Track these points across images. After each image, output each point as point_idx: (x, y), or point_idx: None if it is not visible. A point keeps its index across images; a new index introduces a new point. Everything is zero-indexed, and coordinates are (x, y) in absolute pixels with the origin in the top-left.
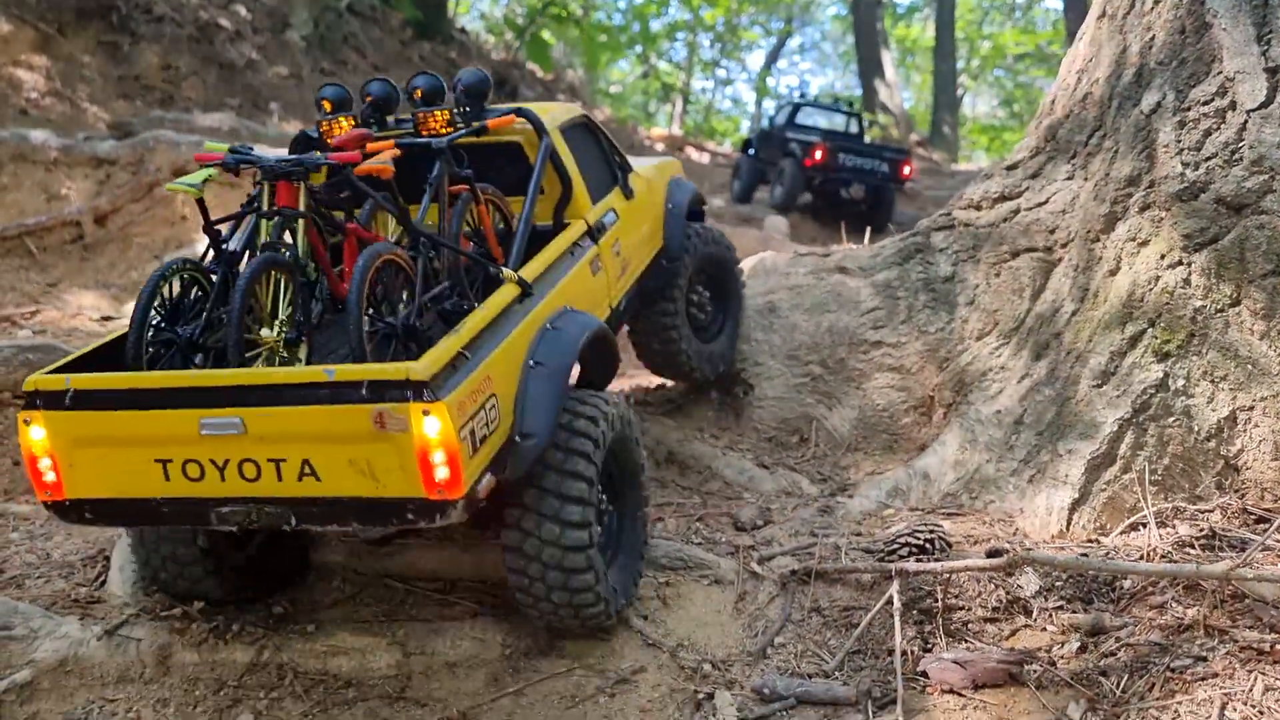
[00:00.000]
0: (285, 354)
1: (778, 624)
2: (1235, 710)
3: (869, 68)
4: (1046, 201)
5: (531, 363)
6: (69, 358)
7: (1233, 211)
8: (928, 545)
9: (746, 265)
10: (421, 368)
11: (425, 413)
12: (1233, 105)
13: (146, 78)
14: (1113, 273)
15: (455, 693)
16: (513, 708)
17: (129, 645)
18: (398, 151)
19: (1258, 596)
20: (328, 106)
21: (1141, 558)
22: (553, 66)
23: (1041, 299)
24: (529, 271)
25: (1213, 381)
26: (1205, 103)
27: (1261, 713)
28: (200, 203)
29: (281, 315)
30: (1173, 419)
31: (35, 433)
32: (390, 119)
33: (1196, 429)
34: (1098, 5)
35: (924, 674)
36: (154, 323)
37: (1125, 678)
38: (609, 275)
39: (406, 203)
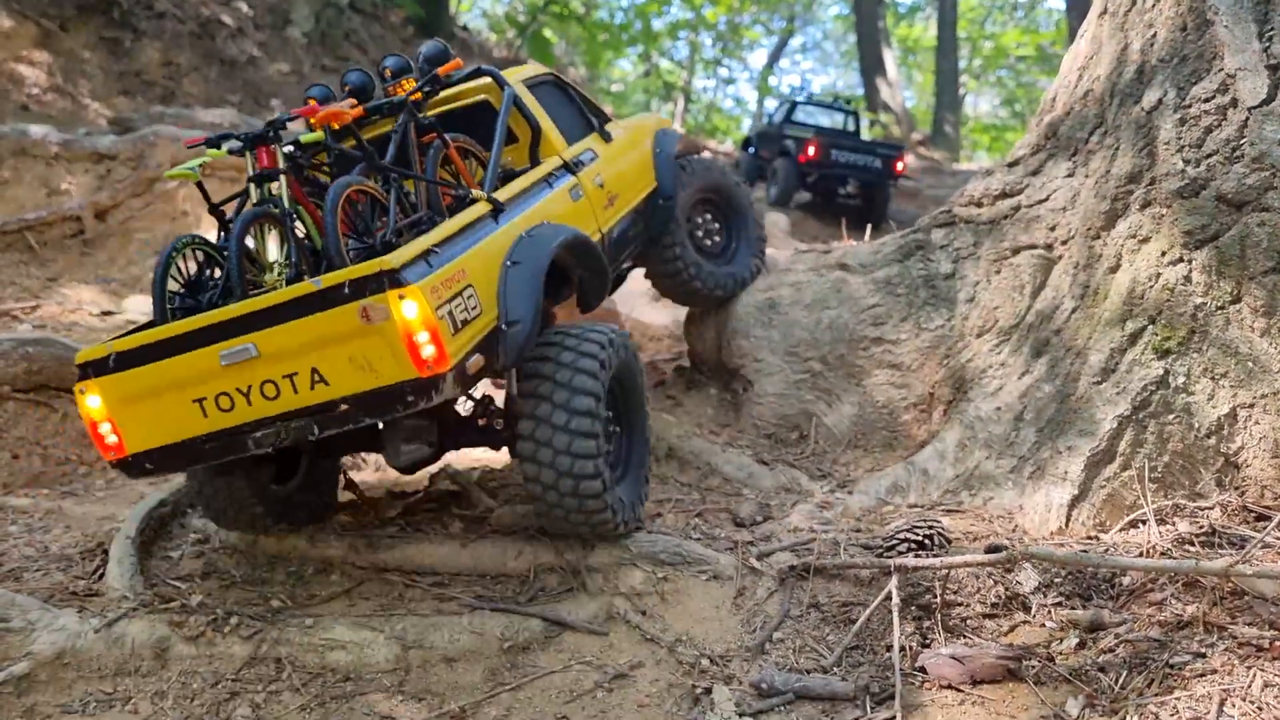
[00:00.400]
0: None
1: (776, 619)
2: (1234, 706)
3: (871, 67)
4: (1047, 198)
5: (509, 262)
6: (111, 339)
7: (1233, 208)
8: (927, 541)
9: None
10: (393, 258)
11: (401, 297)
12: (1234, 102)
13: (147, 74)
14: (1113, 270)
15: (453, 687)
16: (511, 702)
17: (127, 638)
18: (355, 104)
19: (1257, 593)
20: (313, 104)
21: (1141, 554)
22: (555, 64)
23: (1042, 296)
24: (501, 194)
25: (1213, 379)
26: (1206, 100)
27: (1260, 709)
28: (200, 185)
29: (280, 259)
30: (1173, 416)
31: (92, 401)
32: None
33: (1196, 426)
34: (1099, 3)
35: (922, 669)
36: (176, 292)
37: (1124, 674)
38: (593, 203)
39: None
